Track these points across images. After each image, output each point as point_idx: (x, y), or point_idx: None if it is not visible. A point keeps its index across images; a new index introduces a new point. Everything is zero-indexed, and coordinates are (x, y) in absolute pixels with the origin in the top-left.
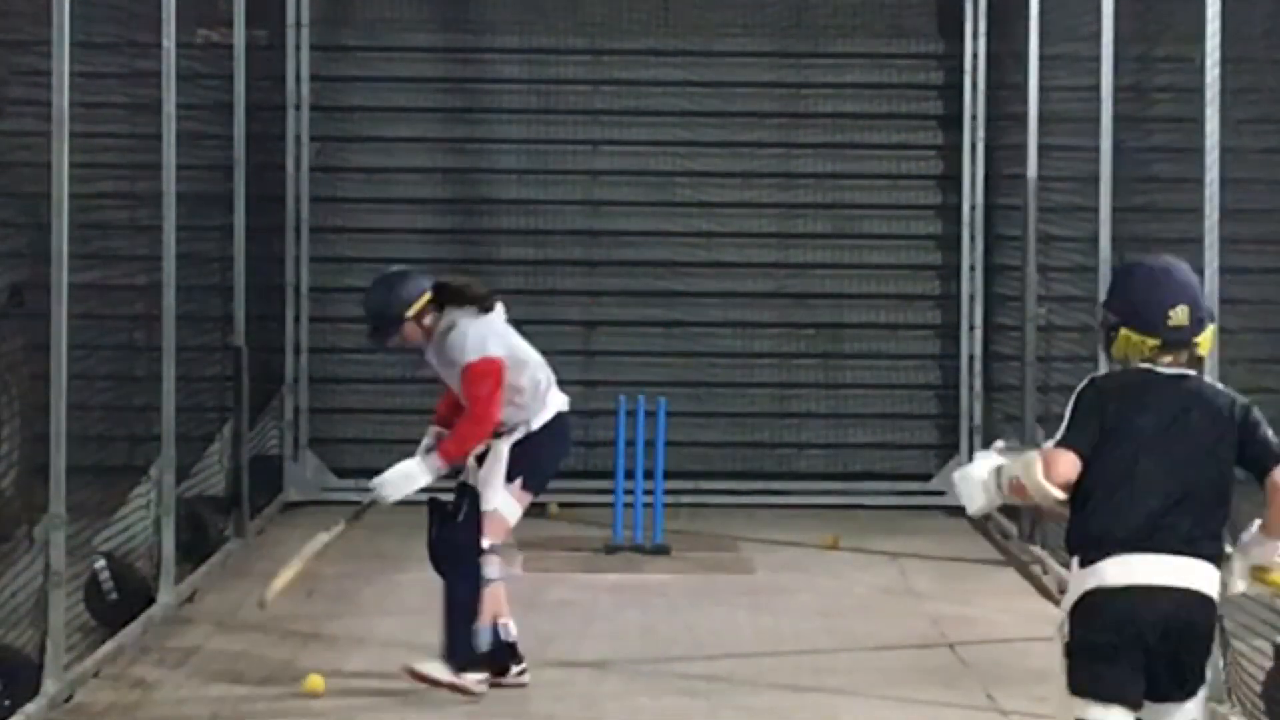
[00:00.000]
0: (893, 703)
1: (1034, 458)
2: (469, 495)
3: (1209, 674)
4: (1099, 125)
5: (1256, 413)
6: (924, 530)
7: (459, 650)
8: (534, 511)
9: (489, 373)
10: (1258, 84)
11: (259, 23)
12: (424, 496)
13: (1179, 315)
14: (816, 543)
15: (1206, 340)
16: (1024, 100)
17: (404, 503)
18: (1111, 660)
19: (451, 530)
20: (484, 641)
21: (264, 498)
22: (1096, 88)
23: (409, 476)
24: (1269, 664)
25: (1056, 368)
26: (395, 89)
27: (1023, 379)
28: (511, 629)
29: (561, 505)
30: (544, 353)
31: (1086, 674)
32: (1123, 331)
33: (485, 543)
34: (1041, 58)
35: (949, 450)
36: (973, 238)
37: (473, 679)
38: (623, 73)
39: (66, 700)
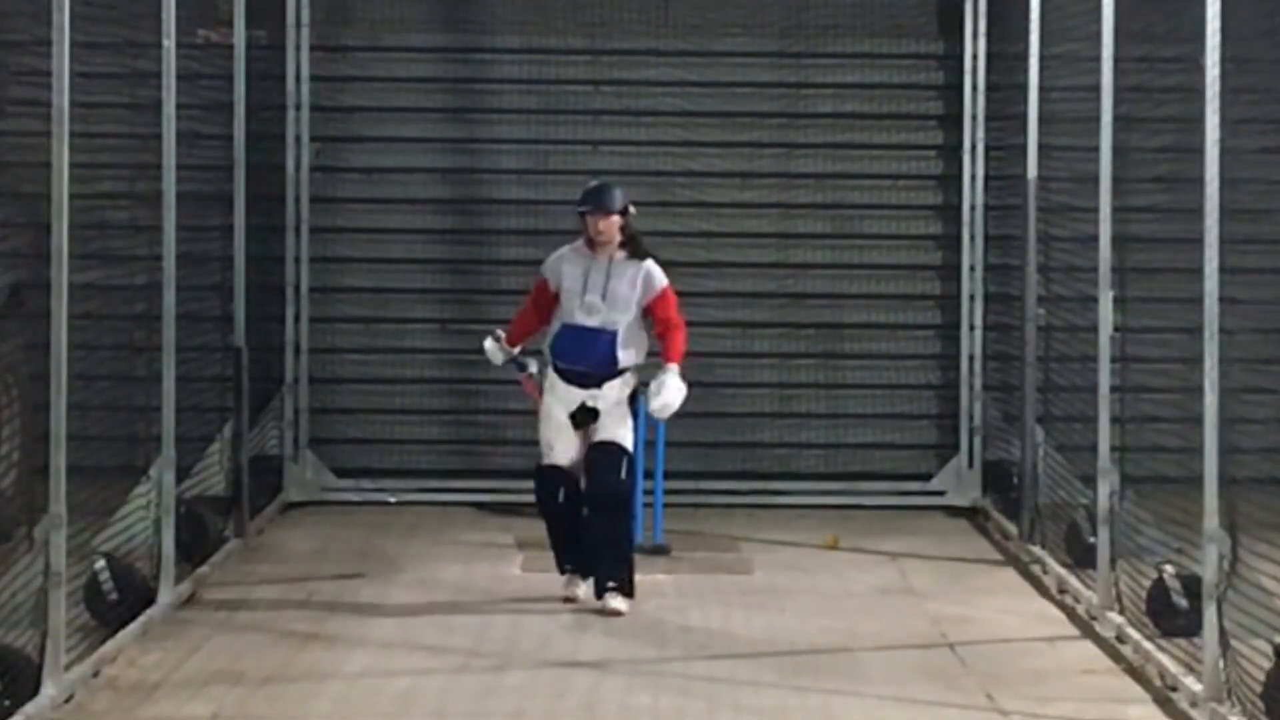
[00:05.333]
0: (893, 703)
1: None
2: (613, 448)
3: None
4: (1099, 125)
5: None
6: (924, 530)
7: (632, 580)
8: (533, 511)
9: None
10: (1258, 84)
11: (259, 23)
12: (428, 496)
13: None
14: (816, 543)
15: None
16: (1024, 100)
17: (403, 503)
18: None
19: (619, 479)
20: None
21: (264, 498)
22: (1096, 88)
23: (680, 389)
24: (1269, 664)
25: (1056, 368)
26: (395, 89)
27: (1023, 379)
28: None
29: None
30: (544, 352)
31: None
32: None
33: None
34: (1041, 58)
35: (949, 450)
36: (973, 238)
37: None
38: (623, 73)
39: (66, 701)
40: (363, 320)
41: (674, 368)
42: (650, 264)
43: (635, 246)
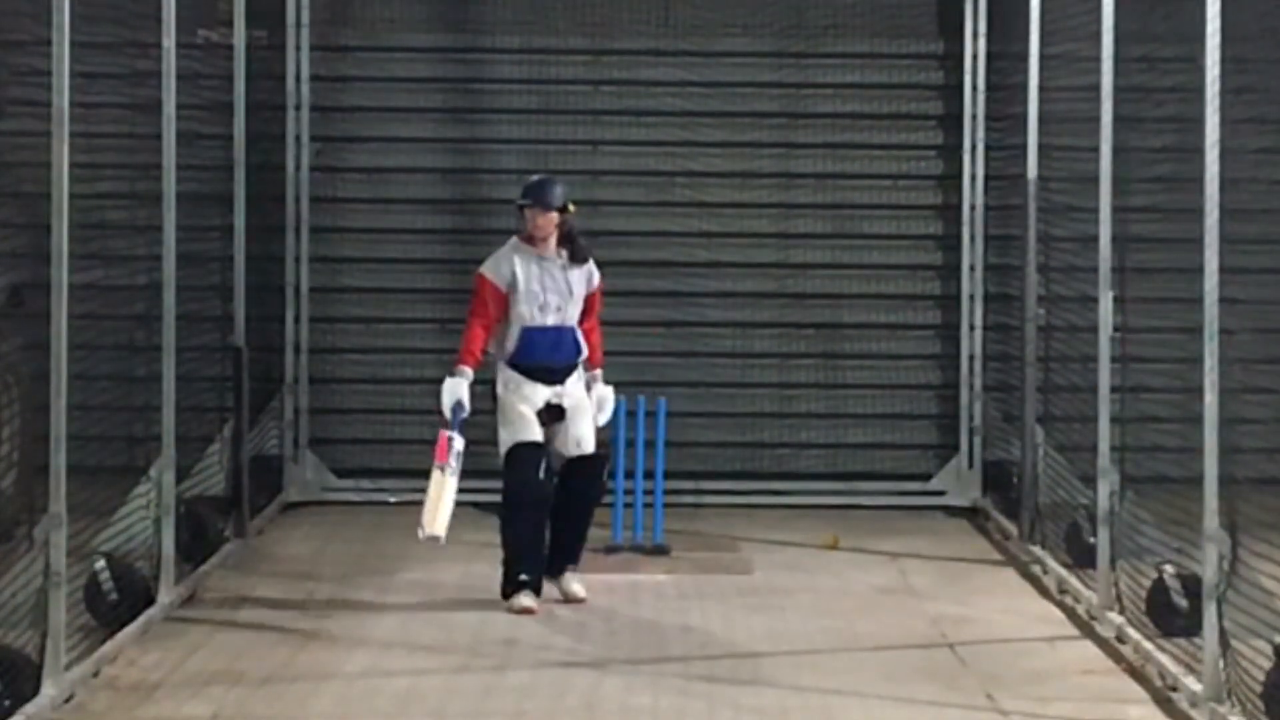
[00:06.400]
0: (893, 703)
1: None
2: (592, 459)
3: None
4: (1099, 125)
5: None
6: (924, 530)
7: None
8: None
9: None
10: (1258, 84)
11: (259, 23)
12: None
13: None
14: (816, 543)
15: None
16: (1024, 100)
17: (403, 503)
18: None
19: (602, 486)
20: None
21: (264, 498)
22: (1096, 88)
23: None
24: (1269, 664)
25: (1056, 368)
26: (395, 89)
27: (1023, 379)
28: None
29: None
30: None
31: None
32: None
33: None
34: (1041, 58)
35: (949, 450)
36: (973, 238)
37: None
38: (623, 73)
39: (67, 701)
40: (363, 320)
41: (600, 373)
42: (591, 262)
43: (577, 248)
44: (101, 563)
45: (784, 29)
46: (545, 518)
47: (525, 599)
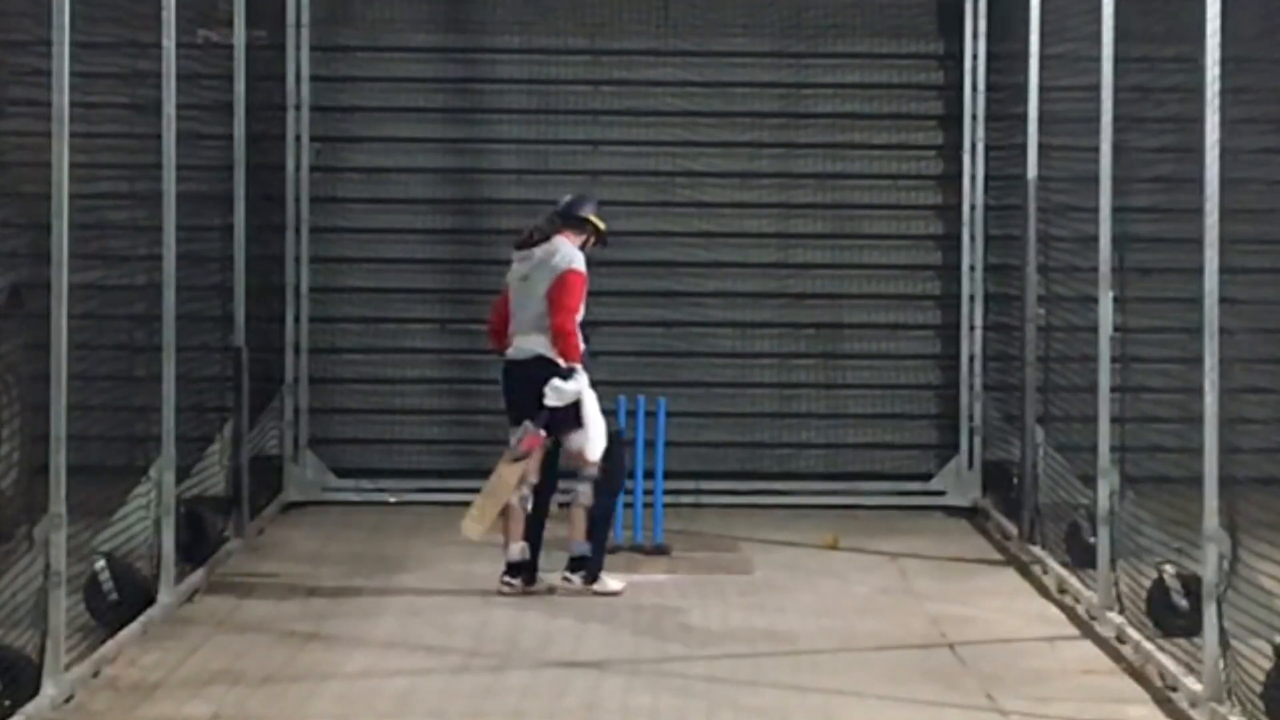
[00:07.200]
0: (893, 703)
1: None
2: None
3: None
4: (1099, 125)
5: None
6: (924, 530)
7: None
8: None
9: None
10: (1258, 84)
11: (259, 23)
12: (428, 496)
13: None
14: (816, 543)
15: None
16: (1024, 100)
17: (403, 503)
18: None
19: None
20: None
21: (264, 498)
22: (1096, 88)
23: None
24: (1269, 664)
25: (1056, 368)
26: (395, 89)
27: (1023, 379)
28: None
29: (561, 505)
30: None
31: None
32: None
33: None
34: (1041, 58)
35: (949, 450)
36: (973, 238)
37: None
38: (623, 73)
39: (66, 701)
40: (363, 320)
41: None
42: None
43: None
44: (101, 563)
45: (784, 29)
46: None
47: (616, 582)
